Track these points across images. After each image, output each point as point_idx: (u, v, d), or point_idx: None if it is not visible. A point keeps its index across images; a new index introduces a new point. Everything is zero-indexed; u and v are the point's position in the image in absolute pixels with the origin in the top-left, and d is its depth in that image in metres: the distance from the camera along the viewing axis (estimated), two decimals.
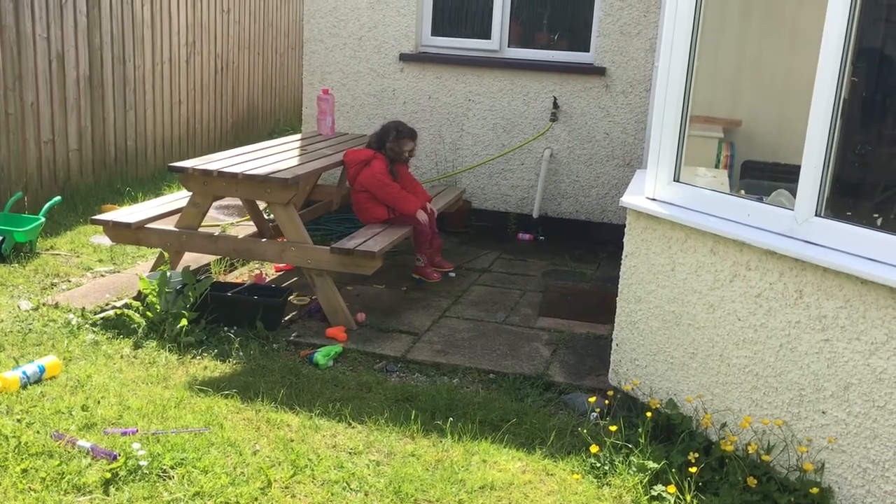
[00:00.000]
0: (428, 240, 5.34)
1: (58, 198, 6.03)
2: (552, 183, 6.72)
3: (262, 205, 5.99)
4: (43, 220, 5.65)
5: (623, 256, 3.70)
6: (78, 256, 5.62)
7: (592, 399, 3.63)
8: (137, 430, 3.29)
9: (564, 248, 6.39)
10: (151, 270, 4.94)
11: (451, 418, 3.55)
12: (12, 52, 6.09)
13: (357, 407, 3.62)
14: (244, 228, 6.32)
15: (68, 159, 6.84)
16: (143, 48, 7.79)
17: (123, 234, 4.80)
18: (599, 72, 6.42)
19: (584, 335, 4.64)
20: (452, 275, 5.61)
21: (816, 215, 3.02)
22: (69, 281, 5.15)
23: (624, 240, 3.70)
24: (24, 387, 3.61)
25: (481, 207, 6.89)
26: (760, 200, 3.48)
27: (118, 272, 5.39)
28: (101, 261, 5.57)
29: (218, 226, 6.47)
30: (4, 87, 6.03)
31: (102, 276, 5.31)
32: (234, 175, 4.56)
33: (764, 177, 4.77)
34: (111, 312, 4.46)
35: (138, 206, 5.22)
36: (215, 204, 6.72)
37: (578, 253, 6.30)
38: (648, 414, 3.38)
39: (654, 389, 3.60)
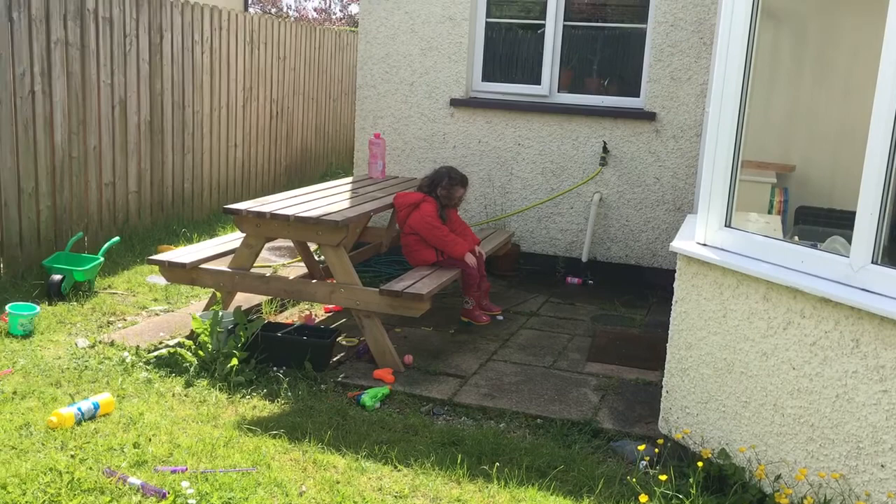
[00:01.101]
0: (476, 283, 5.35)
1: (116, 238, 6.20)
2: (601, 227, 6.69)
3: (313, 246, 6.08)
4: (102, 259, 5.82)
5: (673, 302, 3.66)
6: (134, 295, 5.76)
7: (642, 447, 3.56)
8: (187, 469, 3.32)
9: (613, 293, 6.34)
10: (204, 310, 5.02)
11: (498, 463, 3.51)
12: (77, 98, 6.34)
13: (403, 450, 3.62)
14: (295, 269, 6.41)
15: (127, 201, 7.05)
16: (201, 94, 8.03)
17: (178, 274, 4.91)
18: (649, 117, 6.42)
19: (633, 381, 4.58)
20: (500, 318, 5.60)
21: (873, 262, 2.96)
22: (125, 319, 5.28)
23: (674, 285, 3.66)
24: (78, 423, 3.69)
25: (530, 251, 6.89)
26: (815, 247, 3.42)
27: (172, 311, 5.50)
28: (156, 300, 5.70)
29: (269, 266, 6.57)
30: (69, 132, 6.27)
31: (157, 314, 5.42)
32: (286, 217, 4.65)
33: (819, 222, 4.70)
34: (164, 351, 4.54)
35: (193, 246, 5.34)
36: (267, 245, 6.85)
37: (628, 298, 6.24)
38: (700, 464, 3.31)
39: (705, 438, 3.53)
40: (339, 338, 4.93)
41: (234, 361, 4.30)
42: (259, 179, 9.39)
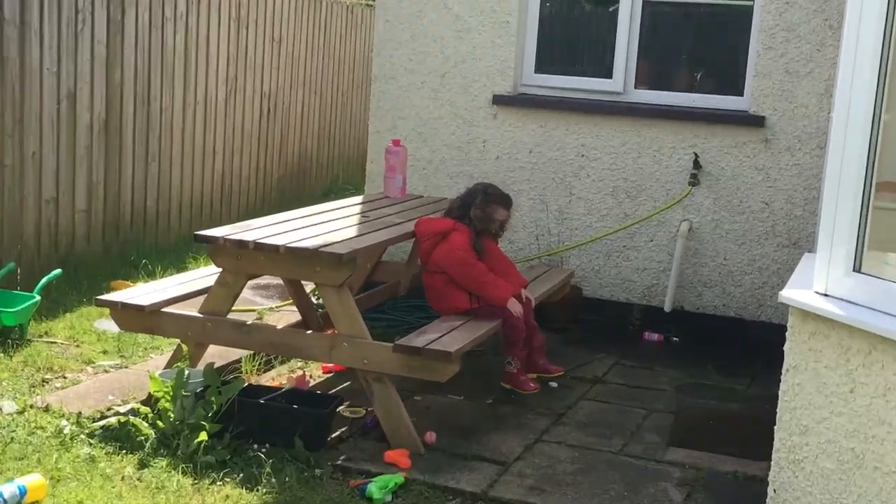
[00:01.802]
0: (521, 337, 5.33)
1: (58, 271, 6.29)
2: (691, 266, 6.64)
3: (309, 286, 6.10)
4: (38, 298, 5.89)
5: (783, 371, 3.62)
6: (78, 346, 5.82)
7: None
8: None
9: (706, 355, 6.28)
10: (166, 367, 5.05)
11: None
12: (13, 91, 6.48)
13: None
14: (286, 315, 6.43)
15: (74, 222, 7.17)
16: (172, 85, 8.17)
17: (135, 319, 4.95)
18: (756, 122, 6.39)
19: (729, 475, 4.52)
20: (554, 385, 5.57)
21: None
22: (65, 377, 5.33)
23: (785, 348, 3.62)
24: None
25: (595, 296, 6.85)
26: None
27: (126, 367, 5.54)
28: (105, 352, 5.75)
29: (253, 311, 6.61)
30: (2, 133, 6.41)
31: (106, 371, 5.46)
32: (274, 248, 4.67)
33: None
34: (113, 420, 4.56)
35: (155, 283, 5.40)
36: (251, 283, 6.88)
37: (725, 362, 6.18)
38: None
39: None
40: (341, 407, 4.92)
41: (203, 436, 4.31)
42: (244, 197, 9.49)
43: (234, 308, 5.11)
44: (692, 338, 6.58)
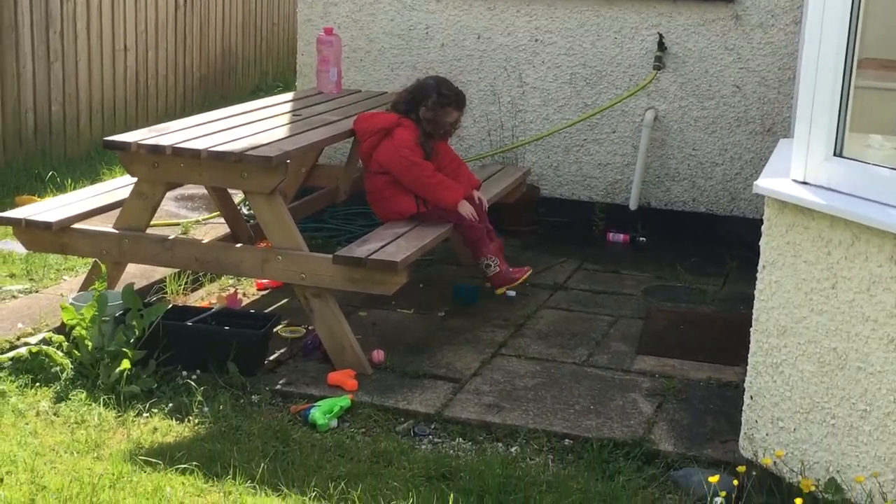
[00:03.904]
0: (483, 234, 5.29)
1: None
2: (657, 159, 6.66)
3: (238, 195, 6.04)
4: None
5: (759, 268, 3.65)
6: None
7: (715, 478, 3.57)
8: None
9: (675, 254, 6.34)
10: (81, 290, 5.01)
11: None
12: None
13: (371, 488, 3.63)
14: (213, 228, 6.38)
15: None
16: None
17: (42, 238, 4.88)
18: None
19: (702, 382, 4.59)
20: (512, 294, 5.57)
21: None
22: None
23: (761, 243, 3.64)
24: None
25: (554, 195, 6.87)
26: None
27: (36, 292, 5.50)
28: (12, 276, 5.69)
29: (177, 225, 6.54)
30: None
31: (14, 297, 5.42)
32: (195, 153, 4.61)
33: None
34: (24, 350, 4.53)
35: (64, 197, 5.33)
36: (173, 194, 6.81)
37: (696, 261, 6.25)
38: (799, 501, 3.30)
39: (806, 464, 3.54)
40: (278, 327, 4.93)
41: (125, 364, 4.30)
42: (161, 98, 9.35)
43: (154, 222, 5.08)
44: (660, 237, 6.63)
